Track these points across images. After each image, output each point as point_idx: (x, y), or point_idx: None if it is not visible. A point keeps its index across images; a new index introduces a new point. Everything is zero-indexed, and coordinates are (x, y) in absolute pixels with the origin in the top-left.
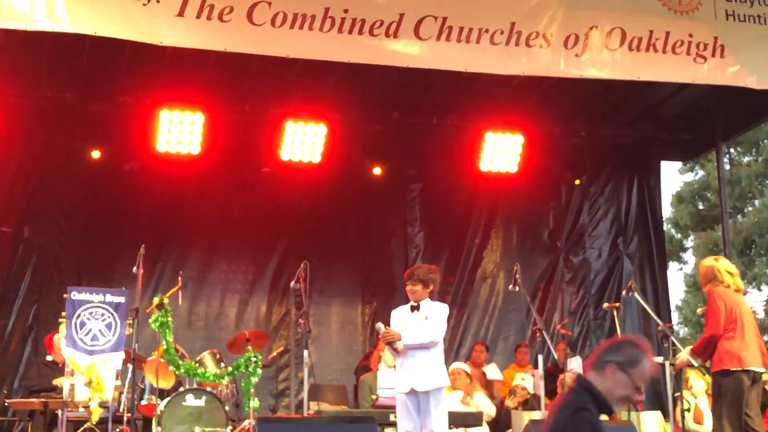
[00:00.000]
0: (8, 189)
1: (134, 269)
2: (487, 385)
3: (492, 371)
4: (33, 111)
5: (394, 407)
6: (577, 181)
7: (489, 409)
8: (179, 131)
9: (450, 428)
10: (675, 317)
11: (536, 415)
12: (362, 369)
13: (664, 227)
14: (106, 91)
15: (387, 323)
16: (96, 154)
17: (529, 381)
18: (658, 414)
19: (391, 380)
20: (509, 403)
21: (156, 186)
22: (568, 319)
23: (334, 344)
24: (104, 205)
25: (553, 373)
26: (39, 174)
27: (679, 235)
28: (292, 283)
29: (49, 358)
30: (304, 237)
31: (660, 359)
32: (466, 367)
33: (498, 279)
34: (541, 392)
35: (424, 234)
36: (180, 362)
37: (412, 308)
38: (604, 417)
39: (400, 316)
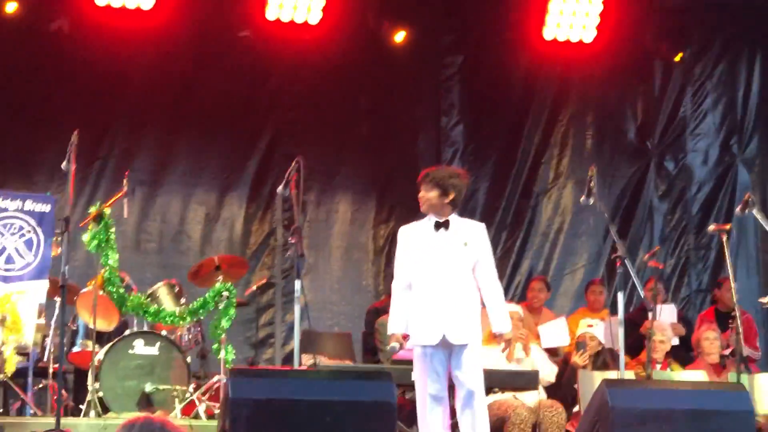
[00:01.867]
0: None
1: (63, 165)
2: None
3: (551, 332)
4: None
5: (413, 362)
6: (678, 57)
7: (547, 372)
8: None
9: (494, 391)
10: None
11: (612, 375)
12: (375, 313)
13: None
14: None
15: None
16: (11, 7)
17: (599, 328)
18: None
19: (413, 327)
20: (577, 360)
21: (94, 53)
22: (660, 247)
23: (336, 277)
24: (22, 78)
25: (636, 321)
26: None
27: None
28: (280, 188)
29: None
30: (297, 128)
31: None
32: (519, 310)
33: (564, 192)
34: (620, 345)
35: (464, 127)
36: (126, 296)
37: (438, 226)
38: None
39: (418, 236)
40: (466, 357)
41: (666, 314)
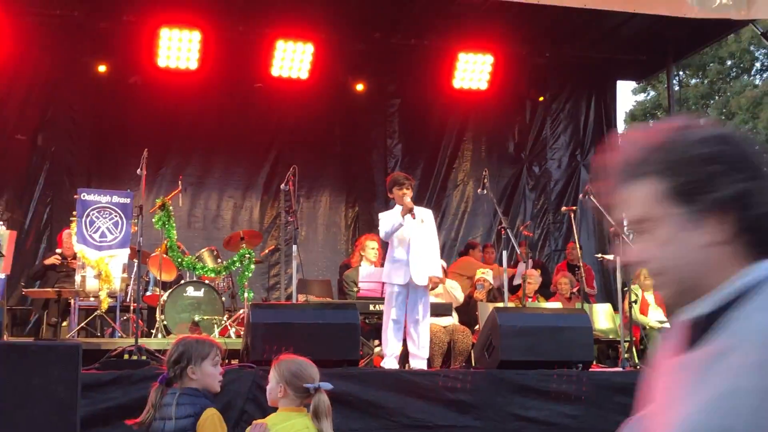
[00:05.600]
0: (23, 101)
1: (138, 171)
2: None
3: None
4: (44, 28)
5: (374, 298)
6: (541, 98)
7: (459, 295)
8: (178, 48)
9: None
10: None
11: (500, 305)
12: (344, 267)
13: None
14: (111, 10)
15: (368, 223)
16: (102, 68)
17: (489, 274)
18: (608, 306)
19: (386, 272)
20: (477, 295)
21: (158, 98)
22: (530, 222)
23: (320, 244)
24: (110, 115)
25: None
26: (50, 87)
27: None
28: (282, 185)
29: (58, 251)
30: (294, 147)
31: (611, 257)
32: (443, 263)
33: (468, 186)
34: (505, 285)
35: (402, 145)
36: (181, 257)
37: (410, 213)
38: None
39: (400, 219)
40: (422, 294)
41: (520, 270)
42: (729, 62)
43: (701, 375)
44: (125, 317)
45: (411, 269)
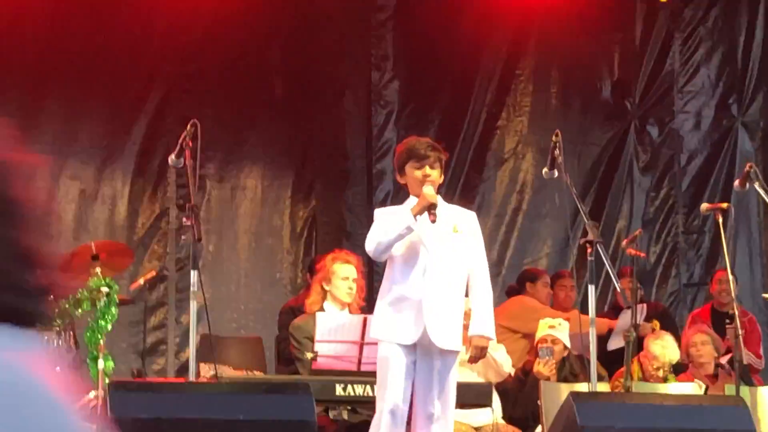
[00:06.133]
0: None
1: None
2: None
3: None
4: None
5: (345, 373)
6: None
7: (505, 364)
8: None
9: None
10: None
11: (581, 387)
12: (290, 312)
13: None
14: None
15: (337, 229)
16: None
17: (564, 330)
18: None
19: (377, 320)
20: (541, 368)
21: None
22: (642, 231)
23: (243, 269)
24: None
25: (611, 319)
26: None
27: None
28: (172, 157)
29: None
30: (193, 85)
31: None
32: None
33: (523, 162)
34: (592, 350)
35: (400, 85)
36: None
37: (431, 209)
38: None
39: (409, 221)
40: (447, 367)
41: (624, 319)
42: None
43: None
44: None
45: (427, 319)
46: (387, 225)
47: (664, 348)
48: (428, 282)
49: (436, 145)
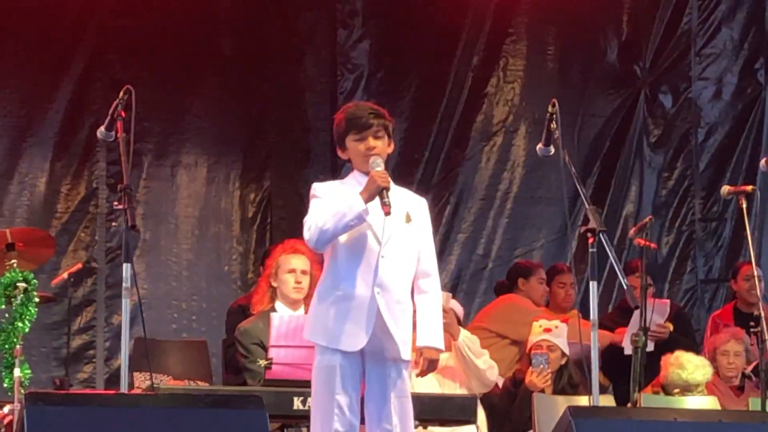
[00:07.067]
0: None
1: None
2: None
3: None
4: None
5: (298, 382)
6: None
7: (489, 372)
8: None
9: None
10: None
11: (581, 400)
12: (239, 312)
13: None
14: None
15: (294, 215)
16: None
17: (562, 334)
18: None
19: (313, 321)
20: (535, 379)
21: None
22: (651, 218)
23: (185, 261)
24: None
25: (618, 323)
26: None
27: None
28: (101, 130)
29: None
30: (126, 44)
31: None
32: (457, 305)
33: (515, 137)
34: (594, 358)
35: (371, 44)
36: None
37: (383, 197)
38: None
39: (358, 205)
40: (399, 378)
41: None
42: None
43: None
44: None
45: (379, 322)
46: (330, 208)
47: (686, 373)
48: (380, 279)
49: (378, 110)
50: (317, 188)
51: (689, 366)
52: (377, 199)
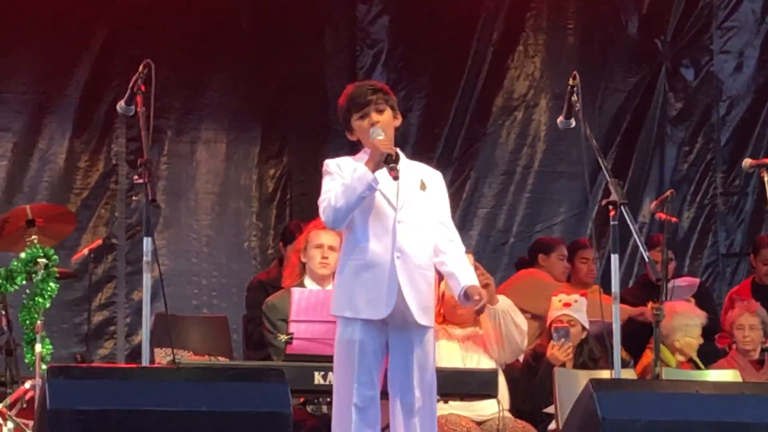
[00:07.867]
0: None
1: None
2: None
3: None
4: None
5: (325, 357)
6: None
7: (516, 337)
8: None
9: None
10: None
11: (602, 374)
12: (261, 287)
13: None
14: None
15: (316, 191)
16: None
17: (582, 308)
18: None
19: (337, 295)
20: (556, 353)
21: None
22: (674, 192)
23: (205, 237)
24: None
25: (639, 297)
26: None
27: None
28: (121, 104)
29: None
30: (146, 21)
31: None
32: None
33: (535, 111)
34: (615, 332)
35: (391, 20)
36: None
37: (390, 162)
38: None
39: (366, 177)
40: (423, 345)
41: (680, 292)
42: None
43: None
44: None
45: (402, 288)
46: (340, 185)
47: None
48: (399, 244)
49: (376, 84)
50: (329, 164)
51: (680, 309)
52: (386, 171)
